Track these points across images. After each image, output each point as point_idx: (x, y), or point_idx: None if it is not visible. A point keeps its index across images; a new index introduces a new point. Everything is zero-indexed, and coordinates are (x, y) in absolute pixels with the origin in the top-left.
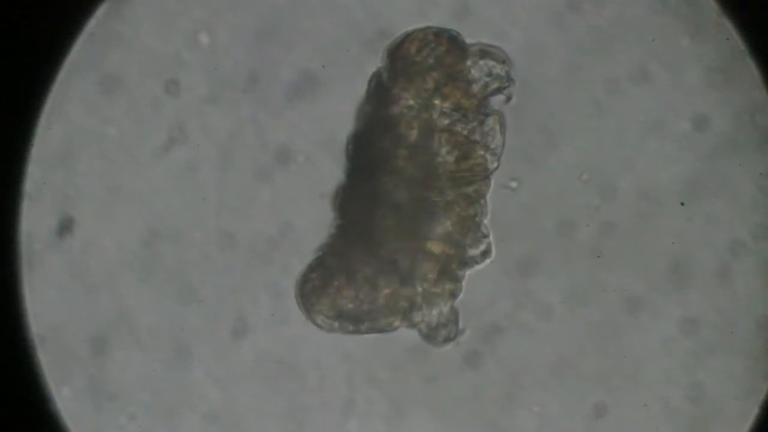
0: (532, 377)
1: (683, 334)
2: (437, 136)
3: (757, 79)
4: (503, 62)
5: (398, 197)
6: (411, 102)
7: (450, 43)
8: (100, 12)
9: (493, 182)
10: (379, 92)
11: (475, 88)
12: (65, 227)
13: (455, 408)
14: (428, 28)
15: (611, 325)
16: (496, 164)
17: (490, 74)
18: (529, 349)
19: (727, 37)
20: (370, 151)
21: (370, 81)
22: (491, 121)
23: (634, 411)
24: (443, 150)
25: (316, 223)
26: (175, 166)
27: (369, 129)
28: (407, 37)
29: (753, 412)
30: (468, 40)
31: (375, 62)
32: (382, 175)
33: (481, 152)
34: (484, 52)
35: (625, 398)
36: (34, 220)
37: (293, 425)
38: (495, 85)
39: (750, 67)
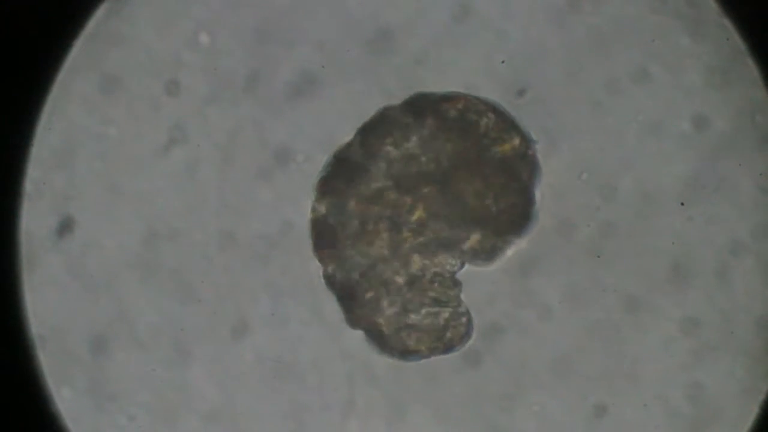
0: (532, 377)
1: (683, 334)
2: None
3: (757, 79)
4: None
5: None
6: None
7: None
8: (100, 12)
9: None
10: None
11: None
12: (65, 227)
13: (455, 408)
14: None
15: (611, 325)
16: None
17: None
18: (529, 349)
19: (727, 37)
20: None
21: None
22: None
23: (634, 411)
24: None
25: None
26: (175, 166)
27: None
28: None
29: (753, 412)
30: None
31: (374, 63)
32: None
33: None
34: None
35: (625, 398)
36: (34, 220)
37: (293, 425)
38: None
39: (750, 67)
